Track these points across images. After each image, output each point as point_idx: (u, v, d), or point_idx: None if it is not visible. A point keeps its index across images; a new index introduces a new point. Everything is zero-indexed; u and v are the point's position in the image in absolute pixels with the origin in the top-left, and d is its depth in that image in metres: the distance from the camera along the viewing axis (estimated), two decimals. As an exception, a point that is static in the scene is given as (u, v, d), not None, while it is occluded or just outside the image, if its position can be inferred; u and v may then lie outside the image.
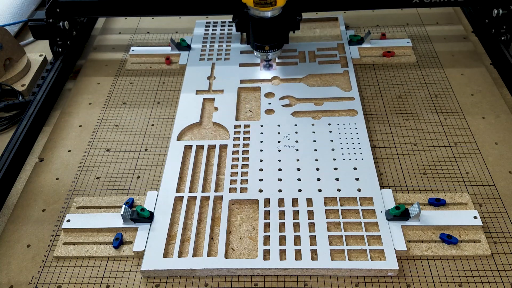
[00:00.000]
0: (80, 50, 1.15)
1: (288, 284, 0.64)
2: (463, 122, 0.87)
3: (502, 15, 0.98)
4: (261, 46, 0.91)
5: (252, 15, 0.87)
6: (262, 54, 0.94)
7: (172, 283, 0.65)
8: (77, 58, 1.13)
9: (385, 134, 0.86)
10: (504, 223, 0.70)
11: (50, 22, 1.02)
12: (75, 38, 1.11)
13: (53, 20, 1.02)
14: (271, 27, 0.88)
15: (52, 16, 1.02)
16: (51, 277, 0.67)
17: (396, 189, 0.76)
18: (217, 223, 0.72)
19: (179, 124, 0.88)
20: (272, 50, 0.92)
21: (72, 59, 1.11)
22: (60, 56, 1.06)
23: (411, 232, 0.69)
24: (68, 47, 1.07)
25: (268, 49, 0.92)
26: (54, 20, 1.02)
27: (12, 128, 0.94)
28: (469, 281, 0.63)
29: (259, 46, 0.92)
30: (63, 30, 1.04)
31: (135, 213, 0.71)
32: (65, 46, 1.06)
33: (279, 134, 0.85)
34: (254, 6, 0.83)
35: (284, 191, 0.75)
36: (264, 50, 0.92)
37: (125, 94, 0.99)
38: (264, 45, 0.91)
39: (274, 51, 0.93)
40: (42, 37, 1.04)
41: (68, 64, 1.08)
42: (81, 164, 0.84)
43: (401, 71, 1.00)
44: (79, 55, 1.14)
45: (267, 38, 0.90)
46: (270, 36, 0.90)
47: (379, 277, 0.64)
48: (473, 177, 0.77)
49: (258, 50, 0.93)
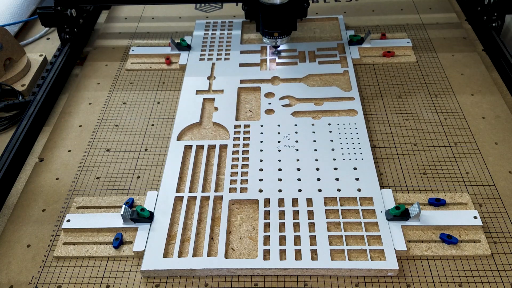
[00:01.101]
0: (86, 38, 1.18)
1: (288, 284, 0.64)
2: (463, 122, 0.87)
3: (493, 3, 1.03)
4: (271, 32, 0.95)
5: (262, 1, 0.91)
6: (271, 40, 0.97)
7: (172, 283, 0.65)
8: (84, 45, 1.16)
9: (385, 134, 0.86)
10: (504, 223, 0.70)
11: (58, 10, 1.05)
12: (82, 25, 1.14)
13: (61, 8, 1.05)
14: (280, 14, 0.92)
15: (60, 3, 1.05)
16: (51, 277, 0.67)
17: (396, 189, 0.76)
18: (217, 223, 0.72)
19: (179, 124, 0.88)
20: (281, 37, 0.96)
21: (79, 46, 1.15)
22: (68, 42, 1.09)
23: (411, 232, 0.69)
24: (75, 34, 1.10)
25: (277, 35, 0.95)
26: (62, 7, 1.05)
27: (12, 128, 0.94)
28: (469, 281, 0.63)
29: (268, 33, 0.95)
30: (71, 18, 1.07)
31: (135, 213, 0.71)
32: (73, 33, 1.09)
33: (279, 134, 0.85)
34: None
35: (284, 191, 0.75)
36: (273, 36, 0.96)
37: (125, 94, 0.99)
38: (273, 32, 0.95)
39: (283, 37, 0.96)
40: (50, 24, 1.07)
41: (75, 50, 1.12)
42: (81, 164, 0.84)
43: (401, 71, 1.00)
44: (85, 43, 1.17)
45: (276, 25, 0.94)
46: (279, 22, 0.94)
47: (379, 277, 0.64)
48: (473, 177, 0.77)
49: (267, 36, 0.97)
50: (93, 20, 1.25)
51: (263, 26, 0.96)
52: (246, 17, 1.01)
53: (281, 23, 0.94)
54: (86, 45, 1.18)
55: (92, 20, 1.25)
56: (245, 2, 1.01)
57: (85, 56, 1.12)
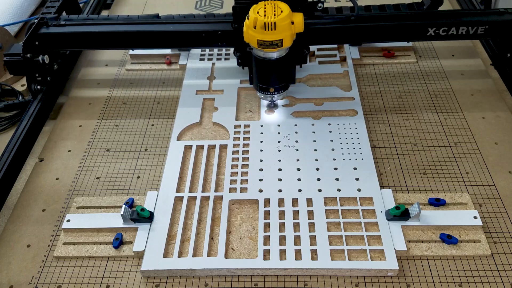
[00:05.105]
0: (62, 85, 1.03)
1: (288, 284, 0.64)
2: (463, 122, 0.87)
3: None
4: (266, 88, 0.83)
5: (256, 55, 0.79)
6: (266, 96, 0.85)
7: (172, 283, 0.65)
8: (58, 94, 1.01)
9: (385, 134, 0.86)
10: (504, 223, 0.70)
11: (28, 57, 0.89)
12: (57, 72, 0.97)
13: (31, 55, 0.89)
14: (277, 68, 0.80)
15: (30, 50, 0.90)
16: (51, 277, 0.67)
17: (396, 189, 0.76)
18: (217, 223, 0.72)
19: (179, 124, 0.88)
20: (277, 92, 0.84)
21: (52, 97, 0.98)
22: (39, 94, 0.94)
23: (411, 232, 0.69)
24: (48, 83, 0.95)
25: (273, 91, 0.83)
26: (32, 54, 0.90)
27: (12, 128, 0.94)
28: (469, 281, 0.63)
29: (263, 88, 0.84)
30: (43, 65, 0.91)
31: (135, 213, 0.71)
32: (45, 83, 0.94)
33: (279, 134, 0.85)
34: (258, 47, 0.75)
35: (284, 191, 0.75)
36: (268, 92, 0.84)
37: (125, 94, 0.98)
38: (268, 87, 0.83)
39: (280, 92, 0.84)
40: (19, 73, 0.92)
41: (47, 104, 0.96)
42: (81, 164, 0.84)
43: (401, 71, 1.00)
44: (60, 91, 1.02)
45: (272, 80, 0.82)
46: (275, 78, 0.82)
47: (379, 277, 0.64)
48: (473, 177, 0.77)
49: (262, 91, 0.85)
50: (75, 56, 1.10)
51: (257, 80, 0.83)
52: (239, 64, 0.89)
53: (278, 78, 0.81)
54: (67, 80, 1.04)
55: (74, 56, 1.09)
56: (237, 48, 0.88)
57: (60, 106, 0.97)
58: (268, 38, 0.73)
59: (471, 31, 0.86)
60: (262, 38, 0.73)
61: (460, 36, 0.86)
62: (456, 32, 0.86)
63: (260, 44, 0.74)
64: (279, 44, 0.74)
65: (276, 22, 0.72)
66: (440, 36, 0.86)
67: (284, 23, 0.73)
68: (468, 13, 0.91)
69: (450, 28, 0.85)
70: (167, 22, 0.91)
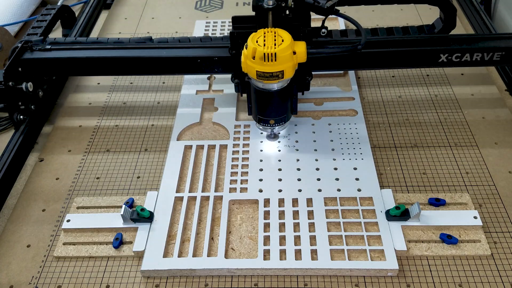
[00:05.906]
0: (47, 114, 0.95)
1: (288, 284, 0.64)
2: (463, 122, 0.87)
3: None
4: (265, 120, 0.77)
5: (255, 86, 0.73)
6: (266, 127, 0.79)
7: (172, 283, 0.65)
8: (42, 124, 0.93)
9: (385, 134, 0.86)
10: (504, 223, 0.70)
11: (10, 85, 0.82)
12: (42, 100, 0.90)
13: (13, 83, 0.83)
14: (278, 100, 0.74)
15: (12, 77, 0.83)
16: (51, 277, 0.67)
17: (396, 189, 0.76)
18: (217, 223, 0.72)
19: (179, 124, 0.88)
20: (278, 124, 0.78)
21: (37, 127, 0.91)
22: (21, 125, 0.87)
23: (411, 232, 0.69)
24: (32, 113, 0.88)
25: (273, 123, 0.77)
26: (14, 82, 0.83)
27: (12, 128, 0.94)
28: (469, 281, 0.63)
29: (262, 120, 0.78)
30: (26, 93, 0.84)
31: (135, 213, 0.71)
32: (28, 112, 0.87)
33: (279, 134, 0.85)
34: (258, 78, 0.70)
35: (284, 191, 0.75)
36: (268, 124, 0.78)
37: (125, 94, 0.99)
38: (268, 119, 0.77)
39: (281, 124, 0.78)
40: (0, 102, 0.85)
41: (31, 135, 0.89)
42: (81, 164, 0.84)
43: (401, 71, 0.99)
44: (45, 120, 0.94)
45: (272, 112, 0.76)
46: (276, 109, 0.76)
47: (379, 277, 0.64)
48: (473, 177, 0.77)
49: (261, 123, 0.79)
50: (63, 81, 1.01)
51: (256, 111, 0.77)
52: (237, 91, 0.83)
53: (279, 109, 0.76)
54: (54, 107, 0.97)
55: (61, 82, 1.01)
56: (235, 75, 0.82)
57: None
58: (268, 69, 0.68)
59: (486, 57, 0.82)
60: (261, 69, 0.68)
61: (474, 62, 0.83)
62: (470, 59, 0.82)
63: (259, 75, 0.69)
64: (280, 76, 0.69)
65: (276, 53, 0.67)
66: (453, 62, 0.82)
67: (285, 54, 0.68)
68: (483, 38, 0.86)
69: (464, 54, 0.81)
70: (160, 46, 0.86)
